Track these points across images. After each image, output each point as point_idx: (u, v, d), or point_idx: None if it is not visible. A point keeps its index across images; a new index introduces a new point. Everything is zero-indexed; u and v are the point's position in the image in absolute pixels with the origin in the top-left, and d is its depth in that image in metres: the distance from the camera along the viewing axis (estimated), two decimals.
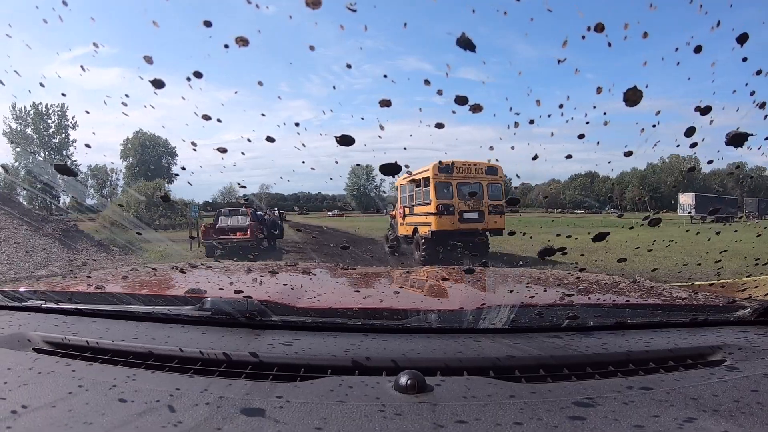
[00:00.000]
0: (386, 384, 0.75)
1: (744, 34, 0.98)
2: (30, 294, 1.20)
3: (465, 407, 0.67)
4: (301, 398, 0.70)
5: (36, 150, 59.96)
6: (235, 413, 0.65)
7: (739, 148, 1.00)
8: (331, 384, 0.75)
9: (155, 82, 1.07)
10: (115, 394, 0.71)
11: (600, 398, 0.71)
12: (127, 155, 68.15)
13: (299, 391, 0.72)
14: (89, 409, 0.66)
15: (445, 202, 11.15)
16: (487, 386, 0.75)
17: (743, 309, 1.16)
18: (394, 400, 0.70)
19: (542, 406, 0.68)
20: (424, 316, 1.02)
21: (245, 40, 0.99)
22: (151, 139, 65.68)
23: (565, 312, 1.04)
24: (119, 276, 1.56)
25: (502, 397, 0.71)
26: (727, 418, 0.65)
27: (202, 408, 0.67)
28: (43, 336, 0.97)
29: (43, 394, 0.71)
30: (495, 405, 0.68)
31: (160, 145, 66.06)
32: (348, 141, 0.89)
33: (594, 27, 0.96)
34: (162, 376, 0.79)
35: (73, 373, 0.79)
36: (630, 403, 0.70)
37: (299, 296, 1.23)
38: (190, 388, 0.73)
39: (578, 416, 0.65)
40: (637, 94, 0.96)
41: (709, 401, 0.71)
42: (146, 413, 0.65)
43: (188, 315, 1.04)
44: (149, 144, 66.27)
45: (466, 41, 0.87)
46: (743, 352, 0.92)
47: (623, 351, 0.90)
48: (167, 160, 68.07)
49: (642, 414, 0.66)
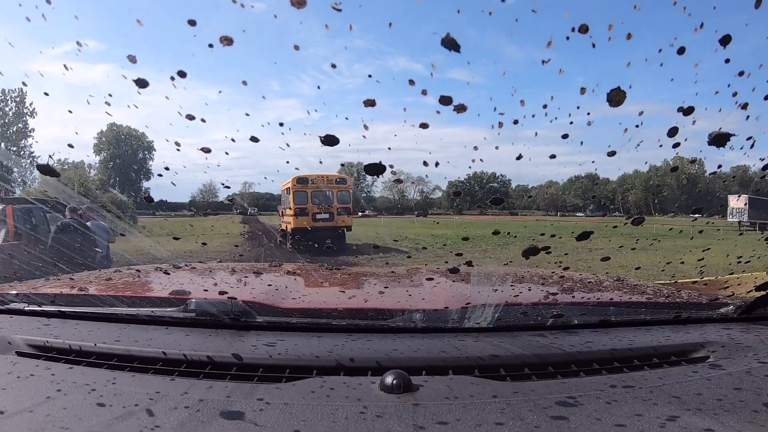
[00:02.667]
0: (371, 384, 0.75)
1: (726, 35, 0.99)
2: (12, 296, 1.18)
3: (450, 407, 0.67)
4: (285, 399, 0.69)
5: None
6: (216, 416, 0.64)
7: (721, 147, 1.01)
8: (316, 385, 0.75)
9: (139, 82, 1.06)
10: (94, 398, 0.70)
11: (584, 396, 0.72)
12: (100, 149, 64.94)
13: (283, 393, 0.72)
14: (67, 413, 0.65)
15: (301, 206, 15.14)
16: (471, 385, 0.75)
17: (726, 306, 1.18)
18: (379, 400, 0.70)
19: (526, 405, 0.68)
20: (409, 315, 1.02)
21: (230, 39, 0.98)
22: (127, 133, 62.87)
23: (549, 310, 1.05)
24: (103, 277, 1.54)
25: (486, 396, 0.71)
26: (710, 415, 0.66)
27: (181, 411, 0.66)
28: (25, 339, 0.95)
29: (22, 398, 0.70)
30: (480, 404, 0.68)
31: (136, 139, 63.44)
32: (332, 141, 0.89)
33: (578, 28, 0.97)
34: (144, 378, 0.78)
35: (53, 376, 0.78)
36: (613, 401, 0.70)
37: (284, 297, 1.22)
38: (171, 391, 0.73)
39: (561, 415, 0.65)
40: (621, 95, 0.97)
41: (692, 398, 0.72)
42: (124, 417, 0.64)
43: (172, 317, 1.03)
44: (124, 138, 63.61)
45: (451, 41, 0.87)
46: (726, 349, 0.93)
47: (607, 349, 0.91)
48: (144, 154, 65.73)
49: (626, 411, 0.67)
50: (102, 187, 72.28)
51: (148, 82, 1.07)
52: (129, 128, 60.68)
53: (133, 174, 68.57)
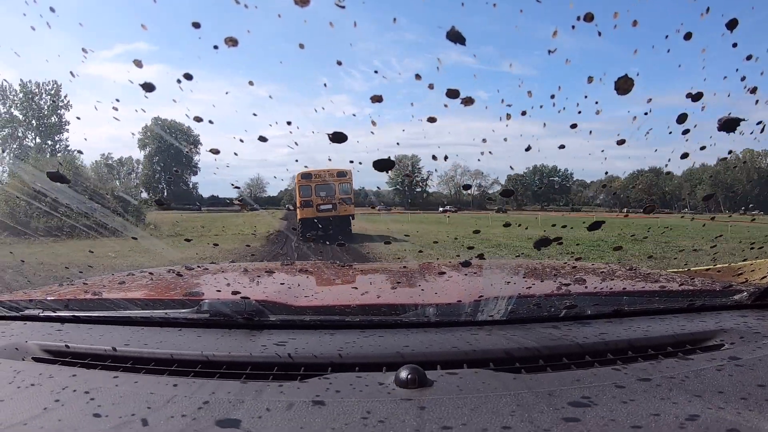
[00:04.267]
0: (387, 379, 0.75)
1: (733, 19, 0.98)
2: (26, 303, 1.20)
3: (465, 400, 0.67)
4: (301, 397, 0.69)
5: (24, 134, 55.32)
6: (231, 415, 0.65)
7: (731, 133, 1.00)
8: (332, 381, 0.75)
9: (145, 86, 1.07)
10: (111, 401, 0.71)
11: (600, 386, 0.71)
12: (145, 144, 63.24)
13: (299, 391, 0.72)
14: (84, 417, 0.66)
15: (306, 199, 17.33)
16: (487, 378, 0.75)
17: (740, 293, 1.17)
18: (394, 395, 0.70)
19: (543, 396, 0.68)
20: (422, 310, 1.02)
21: (234, 40, 0.99)
22: (172, 126, 59.45)
23: (562, 302, 1.04)
24: (116, 281, 1.55)
25: (502, 388, 0.71)
26: (727, 402, 0.65)
27: (197, 410, 0.66)
28: (41, 345, 0.96)
29: (41, 403, 0.71)
30: (495, 397, 0.68)
31: (182, 132, 59.67)
32: (340, 138, 0.89)
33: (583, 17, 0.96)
34: (160, 380, 0.79)
35: (70, 381, 0.79)
36: (629, 392, 0.70)
37: (297, 295, 1.22)
38: (187, 391, 0.73)
39: (579, 404, 0.65)
40: (628, 83, 0.96)
41: (709, 386, 0.71)
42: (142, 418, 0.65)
43: (186, 318, 1.04)
44: (169, 131, 60.40)
45: (456, 34, 0.87)
46: (742, 337, 0.93)
47: (622, 339, 0.91)
48: (190, 149, 62.74)
49: (642, 403, 0.66)
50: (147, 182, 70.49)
51: (154, 86, 1.08)
52: (174, 121, 58.04)
53: (176, 169, 66.15)
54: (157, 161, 64.92)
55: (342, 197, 17.73)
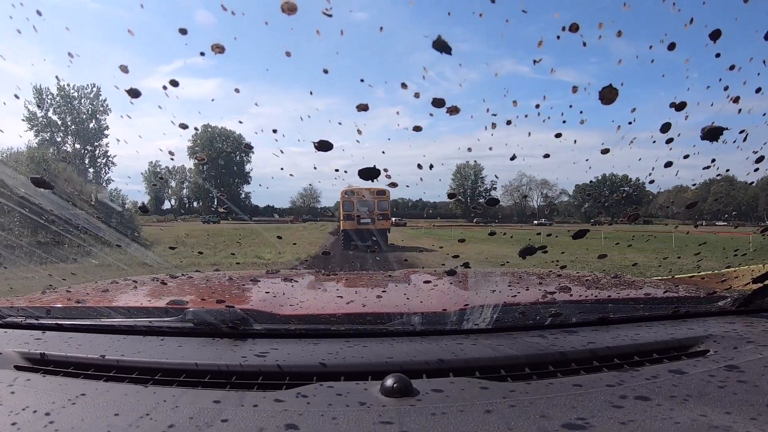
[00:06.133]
0: (372, 388, 0.74)
1: (717, 30, 0.99)
2: (8, 310, 1.17)
3: (451, 408, 0.67)
4: (286, 406, 0.69)
5: (63, 138, 53.38)
6: (216, 425, 0.64)
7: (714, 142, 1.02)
8: (317, 391, 0.74)
9: (131, 92, 1.06)
10: (92, 411, 0.69)
11: (586, 394, 0.71)
12: (195, 151, 60.36)
13: (284, 400, 0.71)
14: (63, 427, 0.65)
15: (349, 213, 19.55)
16: (472, 387, 0.75)
17: (724, 300, 1.18)
18: (380, 404, 0.69)
19: (528, 405, 0.68)
20: (408, 318, 1.02)
21: (221, 47, 0.98)
22: (222, 134, 58.97)
23: (548, 310, 1.05)
24: (99, 289, 1.53)
25: (487, 396, 0.71)
26: (713, 407, 0.66)
27: (180, 421, 0.65)
28: (22, 353, 0.94)
29: (20, 413, 0.69)
30: (481, 405, 0.68)
31: (233, 140, 59.34)
32: (326, 146, 0.89)
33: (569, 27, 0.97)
34: (143, 390, 0.77)
35: (50, 390, 0.77)
36: (615, 398, 0.70)
37: (282, 304, 1.21)
38: (169, 401, 0.72)
39: (565, 413, 0.65)
40: (613, 93, 0.97)
41: (695, 391, 0.72)
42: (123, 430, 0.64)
43: (170, 326, 1.03)
44: (220, 139, 59.50)
45: (442, 44, 0.88)
46: (727, 342, 0.94)
47: (607, 346, 0.91)
48: (241, 157, 62.35)
49: (628, 408, 0.66)
50: (198, 192, 67.46)
51: (140, 92, 1.07)
52: (223, 128, 57.84)
53: (228, 177, 64.07)
54: (208, 169, 62.96)
55: (380, 213, 20.13)
